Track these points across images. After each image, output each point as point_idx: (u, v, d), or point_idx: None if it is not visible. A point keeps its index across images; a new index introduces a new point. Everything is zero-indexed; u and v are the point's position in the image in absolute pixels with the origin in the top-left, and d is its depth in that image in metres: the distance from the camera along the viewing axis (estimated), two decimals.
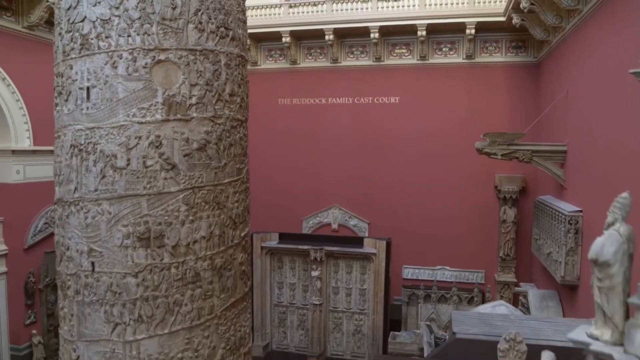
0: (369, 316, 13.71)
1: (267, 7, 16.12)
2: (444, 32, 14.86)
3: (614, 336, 3.49)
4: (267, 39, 16.49)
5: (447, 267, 15.46)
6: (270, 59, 17.13)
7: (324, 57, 16.46)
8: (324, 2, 15.63)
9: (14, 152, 10.74)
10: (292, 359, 14.02)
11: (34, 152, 11.21)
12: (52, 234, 12.02)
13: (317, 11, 15.70)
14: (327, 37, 15.60)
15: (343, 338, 14.08)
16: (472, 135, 12.84)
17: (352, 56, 16.24)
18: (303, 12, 15.84)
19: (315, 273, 13.38)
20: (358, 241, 13.95)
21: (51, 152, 11.98)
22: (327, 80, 16.47)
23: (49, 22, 11.47)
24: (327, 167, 16.48)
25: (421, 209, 15.53)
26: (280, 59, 16.97)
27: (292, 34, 15.97)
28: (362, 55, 16.09)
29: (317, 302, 13.50)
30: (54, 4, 11.19)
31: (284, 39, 16.03)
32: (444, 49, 15.18)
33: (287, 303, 14.45)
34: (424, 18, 14.38)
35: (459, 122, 15.01)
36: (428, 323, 10.77)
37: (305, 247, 13.67)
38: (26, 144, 11.04)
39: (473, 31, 14.15)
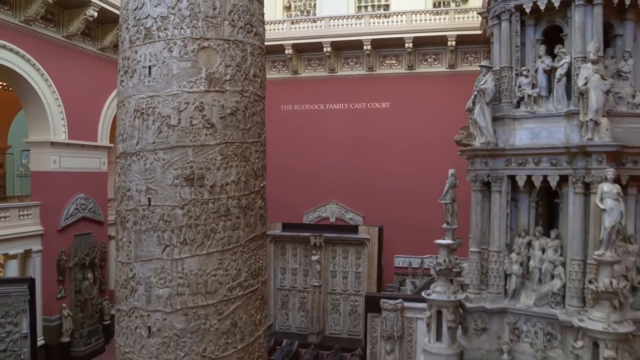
0: (363, 297, 14.78)
1: (271, 22, 17.67)
2: (428, 45, 16.39)
3: None
4: (271, 52, 17.94)
5: (435, 256, 16.61)
6: (274, 70, 18.61)
7: (322, 67, 17.95)
8: (322, 18, 17.21)
9: (52, 143, 11.99)
10: (294, 337, 15.00)
11: (67, 145, 12.48)
12: (81, 219, 13.25)
13: (316, 26, 17.26)
14: (325, 50, 17.11)
15: (340, 318, 15.14)
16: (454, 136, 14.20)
17: (347, 66, 17.75)
18: (303, 27, 17.40)
19: (315, 257, 14.54)
20: (353, 229, 15.16)
21: (82, 146, 13.24)
22: (325, 88, 17.93)
23: (84, 34, 12.92)
24: (326, 166, 17.79)
25: (411, 203, 16.78)
26: (283, 69, 18.45)
27: (294, 46, 17.49)
28: (357, 66, 17.60)
29: (316, 284, 14.63)
30: (91, 17, 12.59)
31: (286, 51, 17.54)
32: (429, 60, 16.71)
33: (289, 287, 15.55)
34: (410, 32, 15.94)
35: (443, 124, 16.37)
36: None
37: (306, 234, 14.85)
38: (62, 137, 12.31)
39: (454, 43, 15.69)
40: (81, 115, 12.78)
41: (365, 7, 18.06)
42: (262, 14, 6.52)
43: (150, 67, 5.64)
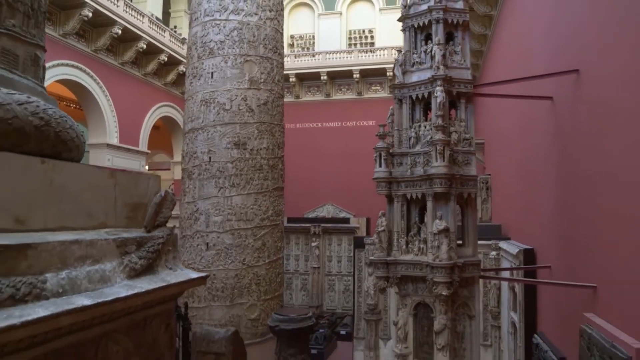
0: (354, 276, 17.04)
1: None
2: None
3: None
4: None
5: None
6: None
7: (320, 92, 20.96)
8: (319, 53, 20.38)
9: (107, 145, 14.58)
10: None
11: (118, 147, 15.07)
12: None
13: (315, 59, 20.39)
14: (322, 78, 20.16)
15: (335, 296, 17.31)
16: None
17: (340, 92, 20.77)
18: (304, 60, 20.52)
19: (314, 243, 16.90)
20: (346, 221, 17.62)
21: (128, 149, 15.74)
22: (322, 109, 20.86)
23: (132, 62, 15.81)
24: (323, 174, 20.44)
25: None
26: (287, 94, 21.37)
27: (297, 75, 20.53)
28: (348, 91, 20.63)
29: (316, 266, 16.90)
30: (141, 49, 15.39)
31: (290, 80, 20.54)
32: None
33: (292, 270, 17.77)
34: (391, 64, 19.03)
35: None
36: None
37: (307, 225, 17.28)
38: (115, 141, 14.92)
39: None
40: (128, 125, 15.45)
41: (355, 44, 21.31)
42: (282, 42, 9.38)
43: (212, 72, 8.39)
